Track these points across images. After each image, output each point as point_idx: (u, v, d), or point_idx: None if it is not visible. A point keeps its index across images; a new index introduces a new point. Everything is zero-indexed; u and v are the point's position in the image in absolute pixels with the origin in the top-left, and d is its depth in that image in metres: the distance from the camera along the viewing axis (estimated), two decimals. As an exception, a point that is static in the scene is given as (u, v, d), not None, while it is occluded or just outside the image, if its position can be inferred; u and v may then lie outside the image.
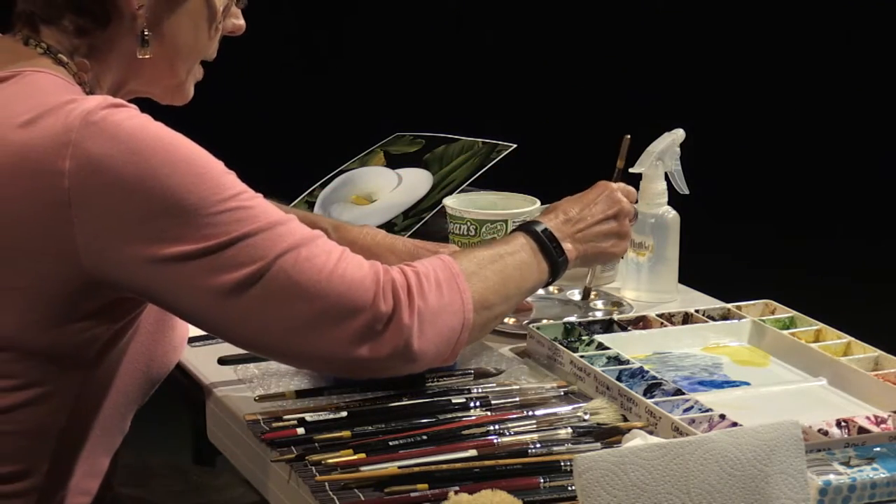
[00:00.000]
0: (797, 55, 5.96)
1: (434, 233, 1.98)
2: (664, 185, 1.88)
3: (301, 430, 1.40)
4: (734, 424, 1.38)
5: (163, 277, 1.31)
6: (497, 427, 1.41)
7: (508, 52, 6.04)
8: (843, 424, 1.39)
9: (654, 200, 1.88)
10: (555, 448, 1.37)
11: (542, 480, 1.30)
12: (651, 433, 1.34)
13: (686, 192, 1.87)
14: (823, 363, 1.58)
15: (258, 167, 1.69)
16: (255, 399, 1.50)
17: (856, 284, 4.58)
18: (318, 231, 1.38)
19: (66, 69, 1.40)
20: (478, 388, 1.51)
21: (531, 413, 1.45)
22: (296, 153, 4.75)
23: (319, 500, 1.28)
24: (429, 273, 1.40)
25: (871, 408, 1.48)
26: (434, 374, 1.53)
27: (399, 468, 1.32)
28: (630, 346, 1.64)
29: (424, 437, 1.38)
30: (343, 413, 1.44)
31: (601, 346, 1.63)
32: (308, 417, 1.43)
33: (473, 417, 1.44)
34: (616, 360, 1.59)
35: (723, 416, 1.41)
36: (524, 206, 1.88)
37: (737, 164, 5.57)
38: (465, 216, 1.84)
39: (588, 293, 1.84)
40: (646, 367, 1.56)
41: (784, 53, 6.01)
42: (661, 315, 1.74)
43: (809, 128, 5.76)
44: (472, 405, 1.47)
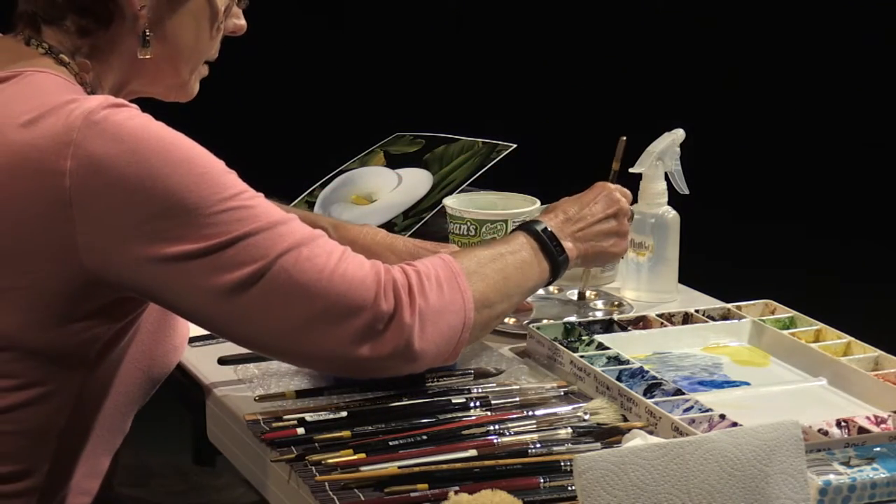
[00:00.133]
0: (797, 55, 5.96)
1: (434, 233, 1.98)
2: (664, 185, 1.88)
3: (301, 430, 1.40)
4: (734, 424, 1.38)
5: (164, 277, 1.31)
6: (497, 427, 1.40)
7: (508, 52, 6.04)
8: (843, 424, 1.39)
9: (654, 200, 1.88)
10: (555, 448, 1.37)
11: (542, 480, 1.30)
12: (651, 433, 1.34)
13: (686, 192, 1.87)
14: (823, 363, 1.58)
15: (258, 167, 1.69)
16: (255, 399, 1.50)
17: (856, 284, 4.58)
18: (319, 231, 1.38)
19: (68, 69, 1.40)
20: (478, 388, 1.51)
21: (531, 413, 1.45)
22: (296, 153, 4.75)
23: (319, 500, 1.28)
24: (430, 272, 1.40)
25: (871, 408, 1.47)
26: (434, 374, 1.53)
27: (399, 468, 1.32)
28: (630, 346, 1.64)
29: (424, 437, 1.38)
30: (343, 413, 1.44)
31: (601, 346, 1.63)
32: (308, 417, 1.43)
33: (473, 417, 1.44)
34: (616, 360, 1.59)
35: (723, 416, 1.41)
36: (524, 206, 1.88)
37: (737, 164, 5.57)
38: (465, 216, 1.84)
39: (582, 296, 1.84)
40: (646, 367, 1.56)
41: (784, 53, 6.01)
42: (661, 315, 1.74)
43: (809, 127, 5.76)
44: (472, 405, 1.47)
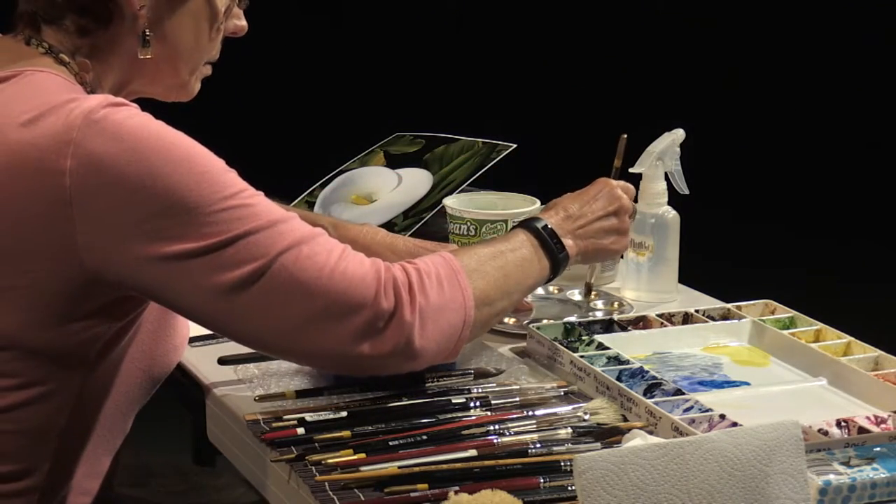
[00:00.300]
0: (797, 55, 5.96)
1: (434, 233, 1.98)
2: (664, 185, 1.88)
3: (301, 430, 1.40)
4: (734, 424, 1.38)
5: (164, 276, 1.31)
6: (497, 427, 1.40)
7: (508, 52, 6.05)
8: (843, 424, 1.39)
9: (654, 200, 1.88)
10: (555, 448, 1.37)
11: (542, 480, 1.30)
12: (651, 433, 1.34)
13: (686, 192, 1.87)
14: (823, 363, 1.58)
15: (258, 167, 1.69)
16: (255, 399, 1.50)
17: (856, 284, 4.58)
18: (320, 229, 1.38)
19: (68, 69, 1.40)
20: (478, 388, 1.51)
21: (531, 413, 1.45)
22: (296, 153, 4.75)
23: (319, 500, 1.28)
24: (430, 270, 1.40)
25: (871, 408, 1.47)
26: (434, 374, 1.53)
27: (399, 468, 1.32)
28: (630, 346, 1.64)
29: (424, 437, 1.38)
30: (343, 413, 1.44)
31: (601, 346, 1.63)
32: (308, 417, 1.43)
33: (473, 417, 1.44)
34: (616, 360, 1.59)
35: (723, 416, 1.41)
36: (524, 206, 1.87)
37: (737, 164, 5.58)
38: (465, 216, 1.84)
39: (590, 290, 1.84)
40: (646, 367, 1.56)
41: (784, 53, 6.01)
42: (661, 315, 1.74)
43: (809, 127, 5.77)
44: (472, 405, 1.47)
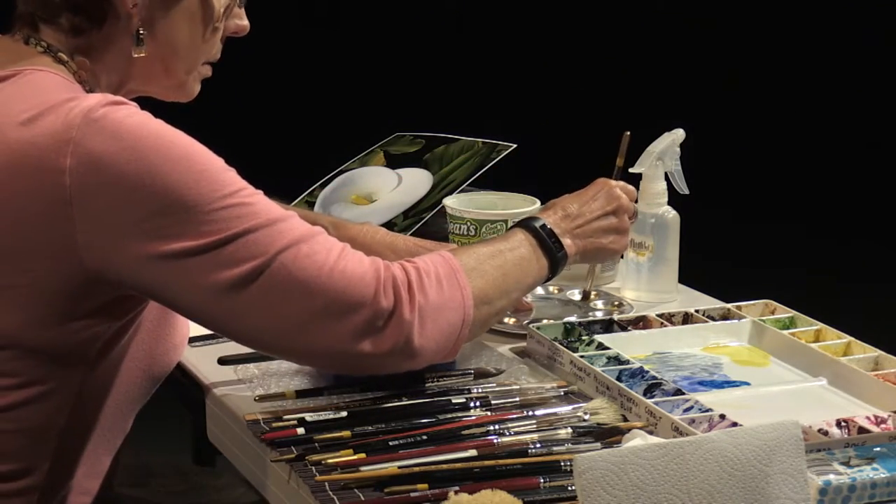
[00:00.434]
0: (797, 55, 5.96)
1: (434, 233, 1.98)
2: (664, 185, 1.88)
3: (301, 430, 1.40)
4: (734, 424, 1.38)
5: (164, 274, 1.31)
6: (497, 427, 1.40)
7: (508, 52, 6.05)
8: (843, 424, 1.39)
9: (654, 200, 1.88)
10: (555, 448, 1.37)
11: (542, 480, 1.29)
12: (651, 433, 1.34)
13: (686, 192, 1.87)
14: (823, 363, 1.58)
15: (258, 167, 1.69)
16: (255, 399, 1.50)
17: (856, 284, 4.58)
18: (319, 228, 1.38)
19: (66, 68, 1.40)
20: (478, 388, 1.51)
21: (531, 413, 1.44)
22: (296, 153, 4.75)
23: (319, 500, 1.28)
24: (429, 269, 1.41)
25: (871, 408, 1.47)
26: (434, 374, 1.53)
27: (399, 468, 1.32)
28: (630, 346, 1.64)
29: (424, 437, 1.38)
30: (343, 413, 1.44)
31: (601, 346, 1.63)
32: (308, 417, 1.43)
33: (473, 417, 1.44)
34: (616, 360, 1.59)
35: (723, 416, 1.41)
36: (524, 206, 1.87)
37: (737, 164, 5.58)
38: (465, 216, 1.84)
39: (588, 295, 1.84)
40: (646, 367, 1.56)
41: (784, 53, 6.01)
42: (661, 315, 1.74)
43: (809, 127, 5.77)
44: (472, 405, 1.47)
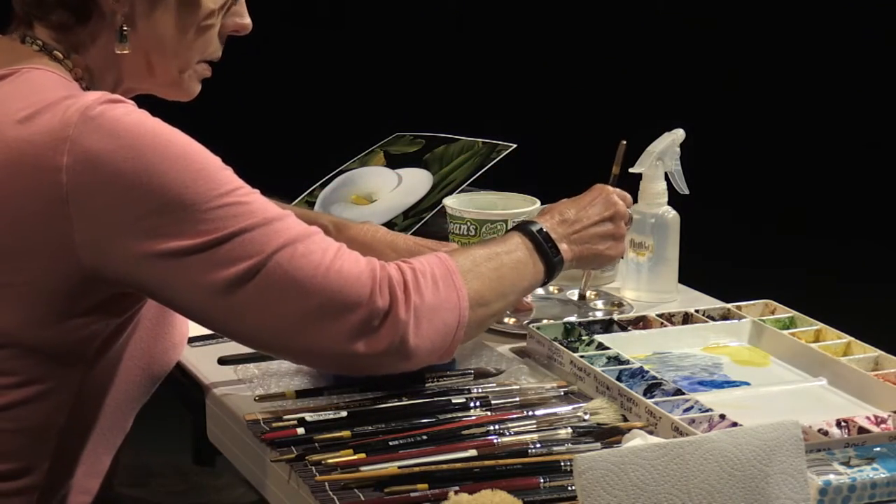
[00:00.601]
0: (797, 55, 5.96)
1: (434, 233, 1.98)
2: (664, 185, 1.88)
3: (301, 430, 1.40)
4: (734, 424, 1.38)
5: (160, 273, 1.31)
6: (497, 427, 1.40)
7: (508, 52, 6.05)
8: (843, 424, 1.39)
9: (654, 200, 1.88)
10: (555, 448, 1.37)
11: (542, 480, 1.29)
12: (651, 433, 1.34)
13: (686, 192, 1.87)
14: (823, 363, 1.58)
15: (258, 167, 1.69)
16: (255, 399, 1.50)
17: (856, 284, 4.58)
18: (315, 227, 1.38)
19: (63, 66, 1.40)
20: (478, 388, 1.51)
21: (531, 413, 1.44)
22: (296, 153, 4.75)
23: (319, 500, 1.28)
24: (425, 269, 1.41)
25: (871, 408, 1.47)
26: (434, 374, 1.53)
27: (399, 468, 1.32)
28: (630, 346, 1.64)
29: (424, 437, 1.38)
30: (343, 413, 1.44)
31: (601, 346, 1.63)
32: (308, 417, 1.43)
33: (473, 417, 1.44)
34: (616, 360, 1.59)
35: (723, 416, 1.41)
36: (524, 206, 1.87)
37: (737, 164, 5.58)
38: (465, 216, 1.84)
39: (583, 297, 1.84)
40: (646, 367, 1.56)
41: (784, 53, 6.01)
42: (661, 315, 1.74)
43: (809, 128, 5.77)
44: (472, 405, 1.47)
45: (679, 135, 1.86)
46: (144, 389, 1.50)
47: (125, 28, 1.42)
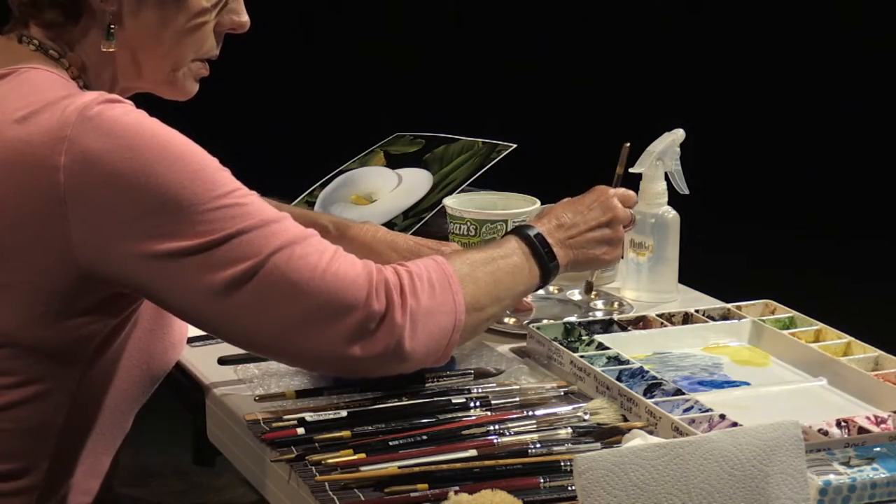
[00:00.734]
0: (797, 55, 5.96)
1: (434, 233, 1.98)
2: (664, 185, 1.88)
3: (301, 430, 1.40)
4: (734, 424, 1.38)
5: (157, 274, 1.31)
6: (497, 427, 1.40)
7: (508, 52, 6.04)
8: (843, 424, 1.39)
9: (654, 200, 1.88)
10: (555, 448, 1.36)
11: (542, 480, 1.29)
12: (651, 433, 1.34)
13: (686, 192, 1.87)
14: (823, 363, 1.58)
15: (258, 167, 1.70)
16: (255, 399, 1.50)
17: (856, 284, 4.58)
18: (312, 230, 1.38)
19: (59, 65, 1.40)
20: (478, 388, 1.51)
21: (531, 413, 1.44)
22: (296, 153, 4.74)
23: (319, 500, 1.28)
24: (422, 273, 1.41)
25: (871, 408, 1.47)
26: (434, 374, 1.53)
27: (399, 468, 1.32)
28: (630, 346, 1.64)
29: (424, 437, 1.38)
30: (343, 413, 1.44)
31: (601, 346, 1.63)
32: (308, 417, 1.43)
33: (473, 417, 1.44)
34: (616, 360, 1.59)
35: (723, 416, 1.41)
36: (524, 206, 1.87)
37: (737, 164, 5.57)
38: (465, 216, 1.84)
39: (591, 288, 1.82)
40: (646, 367, 1.56)
41: (784, 53, 6.01)
42: (661, 315, 1.74)
43: (809, 128, 5.76)
44: (472, 405, 1.47)
45: (679, 135, 1.86)
46: (144, 389, 1.50)
47: (112, 26, 1.41)
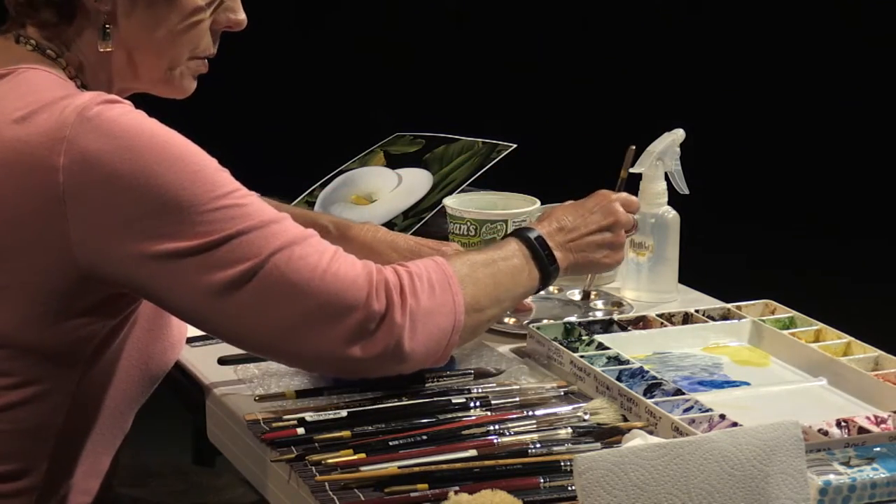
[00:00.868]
0: (797, 55, 5.96)
1: (434, 233, 1.98)
2: (664, 185, 1.88)
3: (301, 430, 1.40)
4: (734, 424, 1.38)
5: (157, 274, 1.31)
6: (497, 427, 1.40)
7: (508, 52, 6.04)
8: (843, 424, 1.39)
9: (654, 200, 1.88)
10: (555, 448, 1.37)
11: (542, 480, 1.29)
12: (651, 433, 1.34)
13: (686, 192, 1.87)
14: (823, 363, 1.58)
15: (258, 167, 1.70)
16: (255, 399, 1.50)
17: (856, 284, 4.58)
18: (311, 230, 1.38)
19: (56, 64, 1.40)
20: (478, 388, 1.51)
21: (531, 413, 1.44)
22: (296, 153, 4.74)
23: (319, 500, 1.28)
24: (422, 274, 1.41)
25: (871, 408, 1.47)
26: (434, 374, 1.53)
27: (399, 468, 1.32)
28: (630, 346, 1.64)
29: (424, 437, 1.38)
30: (343, 413, 1.44)
31: (601, 346, 1.63)
32: (308, 417, 1.43)
33: (473, 417, 1.44)
34: (616, 360, 1.59)
35: (723, 416, 1.41)
36: (524, 206, 1.88)
37: (737, 164, 5.57)
38: (465, 216, 1.84)
39: (588, 296, 1.84)
40: (646, 367, 1.56)
41: (784, 53, 6.01)
42: (661, 315, 1.74)
43: (809, 128, 5.76)
44: (472, 405, 1.47)
45: (679, 135, 1.86)
46: (143, 390, 1.50)
47: (107, 26, 1.41)
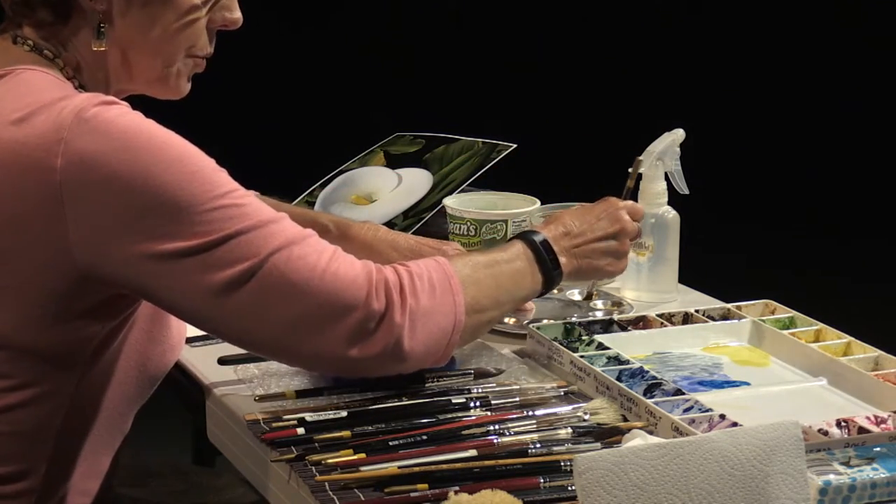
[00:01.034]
0: (797, 55, 5.96)
1: (434, 233, 1.98)
2: (664, 185, 1.88)
3: (301, 430, 1.40)
4: (734, 424, 1.38)
5: (155, 274, 1.31)
6: (497, 427, 1.40)
7: (508, 52, 6.04)
8: (843, 424, 1.39)
9: (654, 200, 1.88)
10: (555, 448, 1.37)
11: (542, 480, 1.30)
12: (651, 433, 1.34)
13: (686, 192, 1.87)
14: (823, 363, 1.58)
15: (258, 167, 1.70)
16: (255, 399, 1.50)
17: (856, 284, 4.58)
18: (310, 230, 1.38)
19: (54, 65, 1.40)
20: (478, 388, 1.51)
21: (531, 413, 1.45)
22: (296, 153, 4.74)
23: (319, 500, 1.28)
24: (422, 273, 1.40)
25: (871, 408, 1.47)
26: (434, 374, 1.53)
27: (399, 468, 1.32)
28: (630, 346, 1.64)
29: (424, 437, 1.38)
30: (343, 413, 1.44)
31: (601, 346, 1.63)
32: (308, 417, 1.43)
33: (473, 417, 1.44)
34: (616, 360, 1.59)
35: (723, 416, 1.41)
36: (524, 206, 1.88)
37: (737, 164, 5.57)
38: (465, 216, 1.84)
39: (590, 297, 1.84)
40: (646, 367, 1.56)
41: (784, 53, 6.01)
42: (661, 315, 1.74)
43: (809, 128, 5.76)
44: (472, 405, 1.47)
45: (679, 135, 1.86)
46: (142, 391, 1.50)
47: (102, 25, 1.41)
